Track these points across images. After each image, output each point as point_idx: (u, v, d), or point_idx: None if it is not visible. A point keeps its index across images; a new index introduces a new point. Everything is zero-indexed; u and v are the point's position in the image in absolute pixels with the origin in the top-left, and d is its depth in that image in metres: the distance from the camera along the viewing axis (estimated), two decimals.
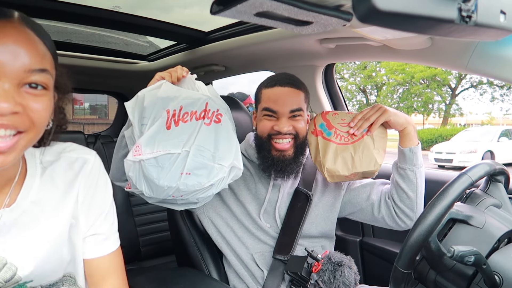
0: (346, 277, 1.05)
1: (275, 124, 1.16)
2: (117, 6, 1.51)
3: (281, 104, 1.14)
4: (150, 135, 1.01)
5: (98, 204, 0.79)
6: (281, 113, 1.15)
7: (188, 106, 1.04)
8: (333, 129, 1.20)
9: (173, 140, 1.00)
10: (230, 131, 1.08)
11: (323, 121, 1.22)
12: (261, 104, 1.19)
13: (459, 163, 10.80)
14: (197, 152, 1.00)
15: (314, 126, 1.22)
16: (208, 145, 1.02)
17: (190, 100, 1.06)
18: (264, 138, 1.18)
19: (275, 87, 1.17)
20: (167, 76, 1.12)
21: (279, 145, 1.17)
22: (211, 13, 0.76)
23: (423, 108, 20.41)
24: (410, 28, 0.47)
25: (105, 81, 2.60)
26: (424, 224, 0.75)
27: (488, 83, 18.96)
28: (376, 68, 19.98)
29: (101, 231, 0.79)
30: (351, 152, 1.18)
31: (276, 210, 1.24)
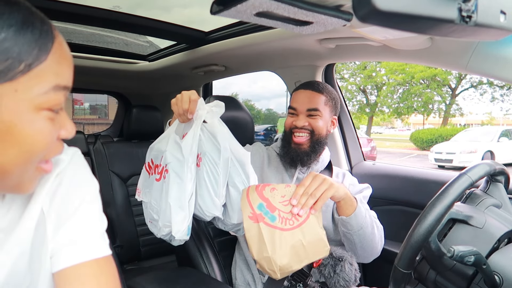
0: (346, 272, 1.05)
1: (294, 120, 1.31)
2: (117, 6, 1.51)
3: (300, 103, 1.31)
4: (141, 181, 1.20)
5: (69, 209, 0.58)
6: (299, 111, 1.31)
7: (155, 159, 1.15)
8: (276, 211, 0.96)
9: (146, 189, 1.17)
10: (169, 188, 1.05)
11: (261, 201, 0.97)
12: (290, 105, 1.37)
13: (459, 163, 10.81)
14: (150, 205, 1.14)
15: (250, 208, 0.96)
16: (156, 199, 1.11)
17: (156, 153, 1.15)
18: (287, 132, 1.34)
19: (299, 90, 1.34)
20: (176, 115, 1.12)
21: (296, 138, 1.31)
22: (211, 13, 0.76)
23: (423, 108, 20.40)
24: (410, 28, 0.47)
25: (105, 81, 2.60)
26: (424, 224, 0.75)
27: (488, 83, 18.96)
28: (376, 68, 19.98)
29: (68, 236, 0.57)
30: (300, 238, 0.95)
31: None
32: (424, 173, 1.52)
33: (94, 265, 0.57)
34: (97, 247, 0.58)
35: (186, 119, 1.10)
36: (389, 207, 1.60)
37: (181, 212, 1.06)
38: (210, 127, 1.11)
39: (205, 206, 1.10)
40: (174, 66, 2.07)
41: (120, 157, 2.08)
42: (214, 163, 1.09)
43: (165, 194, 1.07)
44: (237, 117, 1.53)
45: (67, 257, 0.56)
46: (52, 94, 0.47)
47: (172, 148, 1.09)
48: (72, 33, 1.94)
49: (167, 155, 1.08)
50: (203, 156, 1.10)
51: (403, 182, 1.55)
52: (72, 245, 0.56)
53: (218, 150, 1.09)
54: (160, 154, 1.11)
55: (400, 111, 20.80)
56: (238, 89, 32.93)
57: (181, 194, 1.06)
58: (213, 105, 1.12)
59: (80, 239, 0.57)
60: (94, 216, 0.60)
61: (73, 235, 0.57)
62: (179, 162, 1.06)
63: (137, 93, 2.85)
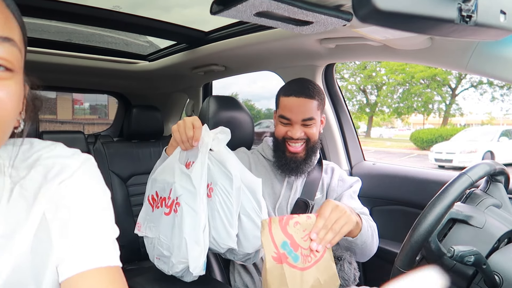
0: (345, 271, 1.05)
1: (288, 130, 1.27)
2: (117, 6, 1.51)
3: (295, 113, 1.25)
4: (143, 214, 1.14)
5: (77, 217, 0.54)
6: (294, 121, 1.26)
7: (161, 192, 1.09)
8: (299, 249, 0.88)
9: (151, 224, 1.10)
10: (183, 223, 1.00)
11: (286, 238, 0.87)
12: (278, 110, 1.31)
13: (459, 163, 10.80)
14: (158, 241, 1.07)
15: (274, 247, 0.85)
16: (166, 235, 1.05)
17: (162, 185, 1.09)
18: (280, 141, 1.30)
19: (290, 97, 1.26)
20: (179, 142, 1.07)
21: (292, 148, 1.28)
22: (211, 13, 0.76)
23: (423, 108, 20.39)
24: (410, 28, 0.47)
25: (105, 81, 2.59)
26: (424, 224, 0.75)
27: (488, 83, 18.95)
28: (376, 68, 19.97)
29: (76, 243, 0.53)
30: (318, 276, 0.89)
31: (288, 205, 1.30)
32: (424, 173, 1.52)
33: (104, 273, 0.52)
34: (107, 255, 0.54)
35: (190, 146, 1.05)
36: (389, 207, 1.60)
37: (197, 247, 0.99)
38: (218, 155, 1.06)
39: (220, 239, 1.04)
40: (174, 66, 2.07)
41: (120, 157, 2.08)
42: (226, 192, 1.04)
43: (178, 229, 1.00)
44: (237, 117, 1.53)
45: (74, 264, 0.51)
46: None
47: (180, 179, 1.03)
48: (72, 33, 1.94)
49: (177, 187, 1.02)
50: (215, 186, 1.05)
51: (403, 182, 1.55)
52: (80, 252, 0.52)
53: (229, 179, 1.04)
54: (167, 186, 1.06)
55: (400, 111, 20.79)
56: (238, 89, 32.98)
57: (196, 228, 0.99)
58: (218, 131, 1.09)
59: (89, 246, 0.53)
60: (104, 224, 0.56)
61: (81, 242, 0.52)
62: (191, 193, 1.01)
63: (137, 93, 2.85)
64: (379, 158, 12.93)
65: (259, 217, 1.08)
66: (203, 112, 1.51)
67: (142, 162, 2.13)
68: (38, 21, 1.65)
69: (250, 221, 1.07)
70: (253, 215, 1.07)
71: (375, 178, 1.64)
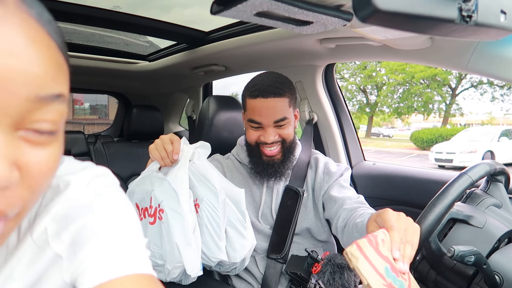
0: (345, 279, 1.05)
1: (261, 134, 1.17)
2: (117, 6, 1.51)
3: (264, 116, 1.14)
4: None
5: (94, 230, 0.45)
6: (265, 124, 1.16)
7: (141, 202, 1.06)
8: (399, 274, 0.68)
9: None
10: (170, 229, 0.98)
11: (386, 263, 0.66)
12: (246, 113, 1.20)
13: (459, 163, 10.81)
14: (150, 252, 1.04)
15: (380, 276, 0.64)
16: (156, 244, 1.03)
17: (141, 195, 1.05)
18: (253, 146, 1.21)
19: (257, 99, 1.14)
20: (157, 158, 1.05)
21: (267, 151, 1.19)
22: (211, 13, 0.76)
23: (423, 108, 20.40)
24: (411, 28, 0.47)
25: (105, 81, 2.60)
26: (424, 224, 0.75)
27: (488, 83, 18.96)
28: (376, 68, 19.99)
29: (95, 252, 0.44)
30: None
31: (272, 211, 1.26)
32: (424, 173, 1.52)
33: (129, 282, 0.43)
34: (133, 261, 0.45)
35: (170, 162, 1.04)
36: (389, 207, 1.59)
37: (190, 249, 0.99)
38: (200, 169, 1.06)
39: (210, 253, 1.05)
40: (174, 66, 2.07)
41: (120, 157, 2.09)
42: (213, 207, 1.04)
43: (167, 234, 1.00)
44: (237, 117, 1.53)
45: (93, 275, 0.42)
46: None
47: (159, 185, 1.02)
48: (73, 33, 1.94)
49: (156, 194, 1.01)
50: (201, 202, 1.05)
51: (403, 182, 1.55)
52: (100, 261, 0.43)
53: (214, 194, 1.04)
54: (146, 196, 1.04)
55: (400, 111, 20.80)
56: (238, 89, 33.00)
57: (185, 230, 0.99)
58: (198, 145, 1.08)
59: (114, 252, 0.44)
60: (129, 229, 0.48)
61: (103, 249, 0.44)
62: (172, 197, 1.00)
63: (137, 93, 2.85)
64: (379, 158, 12.93)
65: (244, 227, 1.10)
66: (203, 112, 1.51)
67: (142, 162, 2.12)
68: None
69: (236, 231, 1.09)
70: (238, 226, 1.09)
71: (375, 178, 1.64)
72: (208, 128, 1.48)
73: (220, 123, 1.48)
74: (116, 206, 0.49)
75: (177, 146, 1.03)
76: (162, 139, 1.04)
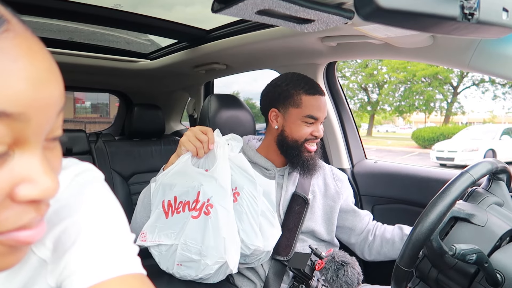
0: (349, 276, 1.05)
1: (314, 130, 1.24)
2: (118, 5, 1.51)
3: (322, 111, 1.25)
4: (151, 222, 1.08)
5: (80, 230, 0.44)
6: (320, 120, 1.25)
7: (182, 196, 1.07)
8: None
9: (167, 231, 1.06)
10: (219, 224, 1.01)
11: None
12: (301, 110, 1.23)
13: (460, 161, 10.79)
14: (184, 246, 1.04)
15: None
16: (195, 239, 1.02)
17: (184, 189, 1.06)
18: (299, 143, 1.25)
19: (316, 96, 1.24)
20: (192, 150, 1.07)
21: (311, 147, 1.26)
22: (212, 12, 0.76)
23: (425, 107, 20.37)
24: (412, 26, 0.47)
25: (106, 79, 2.60)
26: (426, 223, 0.75)
27: (490, 81, 18.91)
28: (377, 66, 19.94)
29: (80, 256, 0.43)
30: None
31: (280, 208, 1.28)
32: (426, 171, 1.52)
33: (117, 284, 0.42)
34: (120, 261, 0.43)
35: (203, 153, 1.07)
36: (390, 206, 1.60)
37: (235, 245, 1.02)
38: (237, 161, 1.10)
39: (249, 240, 1.07)
40: (176, 64, 2.07)
41: (121, 156, 2.09)
42: (253, 196, 1.08)
43: (214, 230, 1.00)
44: (238, 115, 1.53)
45: (79, 279, 0.41)
46: None
47: (206, 181, 1.04)
48: (74, 31, 1.94)
49: (206, 189, 1.03)
50: (241, 191, 1.08)
51: (405, 180, 1.55)
52: (86, 263, 0.42)
53: (253, 183, 1.09)
54: (192, 190, 1.05)
55: (401, 109, 20.77)
56: (240, 88, 33.02)
57: (231, 226, 1.02)
58: (229, 137, 1.13)
59: (97, 254, 0.42)
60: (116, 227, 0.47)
61: (86, 252, 0.42)
62: (221, 193, 1.03)
63: (138, 91, 2.85)
64: (380, 156, 12.92)
65: (273, 216, 1.13)
66: (204, 111, 1.51)
67: (143, 161, 2.13)
68: (39, 20, 1.65)
69: (267, 221, 1.11)
70: (269, 215, 1.12)
71: (377, 177, 1.64)
72: (209, 126, 1.47)
73: (222, 122, 1.48)
74: (99, 203, 0.47)
75: (212, 136, 1.06)
76: (193, 130, 1.07)
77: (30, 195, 0.31)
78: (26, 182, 0.31)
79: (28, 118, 0.30)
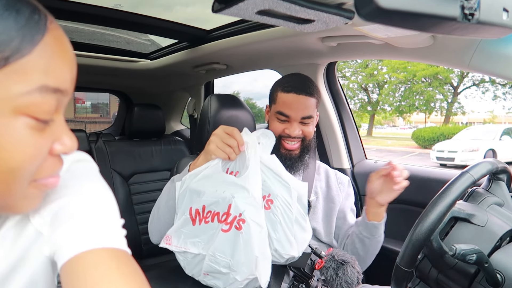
0: (348, 275, 1.05)
1: (286, 128, 1.24)
2: (118, 5, 1.51)
3: (294, 110, 1.22)
4: (177, 227, 1.04)
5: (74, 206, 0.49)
6: (293, 118, 1.23)
7: (211, 205, 1.00)
8: None
9: (195, 239, 1.01)
10: (251, 241, 0.94)
11: None
12: (275, 105, 1.26)
13: (461, 161, 10.79)
14: (212, 258, 0.99)
15: None
16: (224, 252, 0.97)
17: (214, 199, 0.99)
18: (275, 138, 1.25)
19: (290, 93, 1.22)
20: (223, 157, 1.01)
21: (288, 145, 1.25)
22: (212, 12, 0.75)
23: (425, 107, 20.36)
24: (413, 26, 0.46)
25: (106, 79, 2.60)
26: (426, 223, 0.75)
27: (490, 82, 18.90)
28: (378, 67, 19.93)
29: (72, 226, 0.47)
30: None
31: None
32: (426, 172, 1.52)
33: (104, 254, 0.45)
34: (114, 236, 0.48)
35: (235, 156, 1.00)
36: (390, 206, 1.59)
37: (267, 262, 0.96)
38: (270, 164, 1.02)
39: (283, 249, 1.01)
40: (176, 64, 2.07)
41: (121, 156, 2.09)
42: (287, 204, 1.01)
43: (246, 246, 0.94)
44: (238, 115, 1.53)
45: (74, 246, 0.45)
46: (37, 96, 0.38)
47: (238, 192, 0.97)
48: (74, 31, 1.94)
49: (238, 202, 0.95)
50: (275, 198, 1.01)
51: None
52: (78, 235, 0.46)
53: (288, 190, 1.01)
54: (222, 202, 0.98)
55: (402, 110, 20.77)
56: (240, 88, 33.02)
57: (264, 243, 0.95)
58: (260, 134, 1.04)
59: (91, 226, 0.47)
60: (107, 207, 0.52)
61: (79, 226, 0.47)
62: (254, 208, 0.95)
63: (138, 91, 2.86)
64: (380, 156, 12.92)
65: (304, 220, 1.06)
66: (205, 111, 1.51)
67: (143, 161, 2.13)
68: None
69: (298, 226, 1.05)
70: (301, 220, 1.05)
71: None
72: (210, 126, 1.47)
73: (222, 122, 1.48)
74: (94, 190, 0.53)
75: (240, 137, 1.00)
76: (218, 135, 1.00)
77: (62, 150, 0.43)
78: (58, 141, 0.43)
79: (68, 93, 0.43)
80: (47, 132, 0.41)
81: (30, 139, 0.39)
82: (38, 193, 0.44)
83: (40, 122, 0.40)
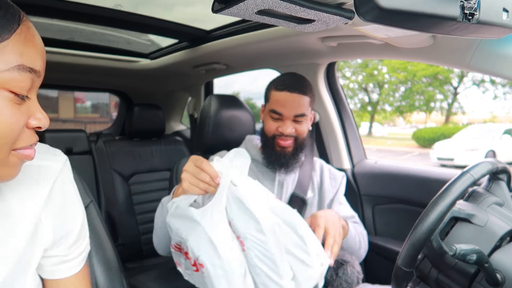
0: (348, 275, 1.05)
1: (279, 126, 1.25)
2: (118, 5, 1.51)
3: (287, 108, 1.23)
4: (176, 256, 0.99)
5: (68, 220, 0.65)
6: (285, 116, 1.23)
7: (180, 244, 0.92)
8: None
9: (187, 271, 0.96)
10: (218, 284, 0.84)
11: None
12: (269, 104, 1.28)
13: (461, 161, 10.78)
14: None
15: None
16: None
17: (178, 238, 0.90)
18: (269, 137, 1.28)
19: (283, 92, 1.23)
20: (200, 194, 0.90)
21: (282, 142, 1.25)
22: (212, 12, 0.75)
23: (425, 107, 20.35)
24: (413, 26, 0.47)
25: (107, 79, 2.60)
26: (426, 223, 0.75)
27: (490, 82, 18.89)
28: (378, 67, 19.91)
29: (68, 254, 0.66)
30: None
31: None
32: (426, 172, 1.52)
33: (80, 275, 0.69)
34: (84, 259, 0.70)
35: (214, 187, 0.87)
36: (390, 206, 1.60)
37: None
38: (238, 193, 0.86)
39: None
40: (176, 64, 2.07)
41: (122, 156, 2.09)
42: (260, 242, 0.85)
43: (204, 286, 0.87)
44: (238, 115, 1.53)
45: (62, 272, 0.65)
46: (15, 73, 0.47)
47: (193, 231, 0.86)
48: (74, 31, 1.94)
49: (192, 245, 0.85)
50: (244, 240, 0.86)
51: (405, 180, 1.55)
52: (67, 262, 0.66)
53: (257, 223, 0.85)
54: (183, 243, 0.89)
55: (402, 110, 20.76)
56: (240, 88, 32.99)
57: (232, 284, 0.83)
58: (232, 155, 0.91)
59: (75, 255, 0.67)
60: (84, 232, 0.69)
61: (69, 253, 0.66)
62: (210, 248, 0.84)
63: (139, 91, 2.85)
64: (380, 156, 12.90)
65: (305, 252, 0.89)
66: (205, 111, 1.51)
67: (143, 161, 2.14)
68: (40, 20, 1.65)
69: (296, 260, 0.89)
70: (298, 252, 0.89)
71: (377, 177, 1.64)
72: (210, 126, 1.48)
73: (222, 122, 1.48)
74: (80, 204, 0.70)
75: (211, 170, 0.87)
76: (188, 171, 0.89)
77: (37, 124, 0.52)
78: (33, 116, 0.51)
79: (40, 75, 0.52)
80: (24, 107, 0.50)
81: (10, 110, 0.47)
82: (18, 161, 0.52)
83: (18, 97, 0.48)
